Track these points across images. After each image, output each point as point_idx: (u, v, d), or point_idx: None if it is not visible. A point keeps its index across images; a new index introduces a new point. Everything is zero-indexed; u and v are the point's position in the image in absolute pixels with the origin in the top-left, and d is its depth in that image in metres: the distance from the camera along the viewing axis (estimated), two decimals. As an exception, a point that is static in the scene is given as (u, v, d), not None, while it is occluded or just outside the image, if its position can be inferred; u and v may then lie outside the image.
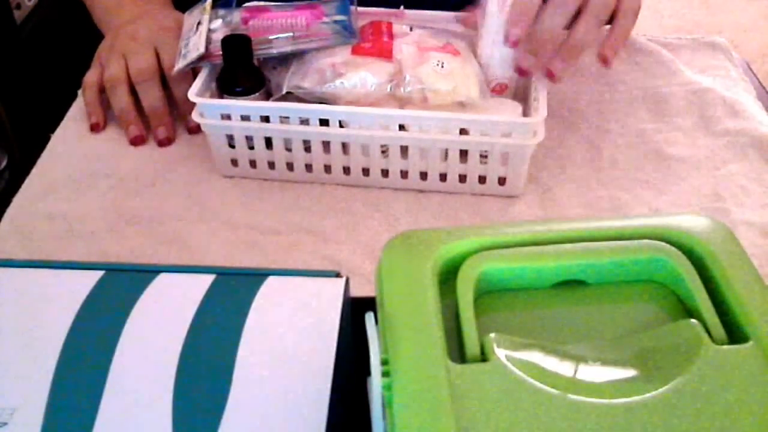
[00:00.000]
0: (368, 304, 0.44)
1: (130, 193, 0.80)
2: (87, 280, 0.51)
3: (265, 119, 0.76)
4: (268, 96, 0.79)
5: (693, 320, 0.42)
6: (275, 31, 0.80)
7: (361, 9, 0.84)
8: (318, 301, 0.50)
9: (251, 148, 0.79)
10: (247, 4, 0.86)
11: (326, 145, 0.77)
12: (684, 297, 0.44)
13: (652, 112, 0.90)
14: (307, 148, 0.78)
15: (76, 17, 1.02)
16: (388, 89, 0.76)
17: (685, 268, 0.44)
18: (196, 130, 0.86)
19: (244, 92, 0.77)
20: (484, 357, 0.40)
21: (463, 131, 0.74)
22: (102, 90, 0.88)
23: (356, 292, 0.54)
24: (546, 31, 0.74)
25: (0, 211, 0.77)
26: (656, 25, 2.63)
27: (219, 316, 0.49)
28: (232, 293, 0.50)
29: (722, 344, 0.41)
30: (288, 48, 0.79)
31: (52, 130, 0.88)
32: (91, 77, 0.88)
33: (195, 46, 0.80)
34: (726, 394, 0.38)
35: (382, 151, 0.77)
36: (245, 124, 0.76)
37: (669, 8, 2.72)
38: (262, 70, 0.80)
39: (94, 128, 0.88)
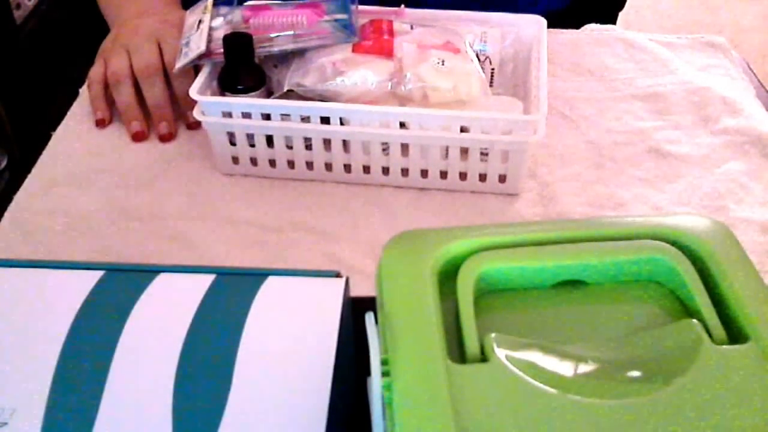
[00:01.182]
0: (368, 304, 0.44)
1: (131, 190, 0.80)
2: (87, 280, 0.51)
3: (266, 117, 0.76)
4: (269, 94, 0.79)
5: (693, 320, 0.42)
6: (276, 29, 0.80)
7: (361, 7, 0.84)
8: (318, 301, 0.50)
9: (252, 145, 0.79)
10: (248, 3, 0.86)
11: (327, 142, 0.77)
12: (684, 297, 0.44)
13: (652, 110, 0.90)
14: (308, 146, 0.78)
15: (76, 17, 1.02)
16: (389, 87, 0.76)
17: (685, 268, 0.44)
18: (195, 126, 0.86)
19: (245, 90, 0.77)
20: (484, 357, 0.40)
21: (463, 129, 0.74)
22: (106, 85, 0.88)
23: (356, 290, 0.54)
24: None
25: (1, 209, 0.77)
26: (656, 24, 2.63)
27: (219, 316, 0.49)
28: (232, 293, 0.50)
29: (722, 344, 0.40)
30: (289, 46, 0.79)
31: (53, 128, 0.88)
32: (95, 72, 0.89)
33: (196, 44, 0.80)
34: (726, 394, 0.38)
35: (383, 149, 0.77)
36: (246, 121, 0.76)
37: (669, 8, 2.72)
38: (263, 68, 0.80)
39: (100, 124, 0.88)
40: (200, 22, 0.82)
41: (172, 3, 0.97)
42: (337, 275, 0.53)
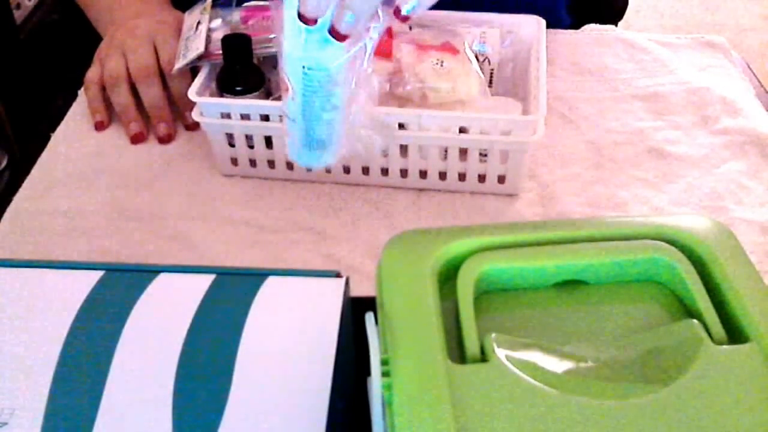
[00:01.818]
0: (368, 304, 0.44)
1: (131, 190, 0.80)
2: (87, 280, 0.51)
3: (265, 118, 0.76)
4: (267, 95, 0.79)
5: (693, 320, 0.42)
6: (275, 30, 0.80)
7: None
8: (318, 301, 0.50)
9: (251, 147, 0.79)
10: (246, 4, 0.86)
11: (326, 143, 0.77)
12: (684, 297, 0.44)
13: (652, 110, 0.90)
14: (307, 147, 0.78)
15: (76, 17, 1.02)
16: (388, 88, 0.76)
17: (685, 268, 0.44)
18: (194, 126, 0.86)
19: (243, 91, 0.77)
20: (484, 357, 0.40)
21: (462, 129, 0.74)
22: (104, 87, 0.88)
23: (356, 290, 0.54)
24: None
25: (1, 209, 0.77)
26: (656, 24, 2.63)
27: (219, 316, 0.49)
28: (232, 293, 0.50)
29: (722, 344, 0.41)
30: (288, 47, 0.79)
31: (52, 129, 0.88)
32: (92, 75, 0.88)
33: (195, 45, 0.80)
34: (726, 394, 0.38)
35: (382, 150, 0.77)
36: (245, 122, 0.76)
37: (669, 8, 2.72)
38: (262, 69, 0.80)
39: (99, 127, 0.88)
40: (199, 23, 0.82)
41: (167, 4, 0.97)
42: (337, 275, 0.53)
